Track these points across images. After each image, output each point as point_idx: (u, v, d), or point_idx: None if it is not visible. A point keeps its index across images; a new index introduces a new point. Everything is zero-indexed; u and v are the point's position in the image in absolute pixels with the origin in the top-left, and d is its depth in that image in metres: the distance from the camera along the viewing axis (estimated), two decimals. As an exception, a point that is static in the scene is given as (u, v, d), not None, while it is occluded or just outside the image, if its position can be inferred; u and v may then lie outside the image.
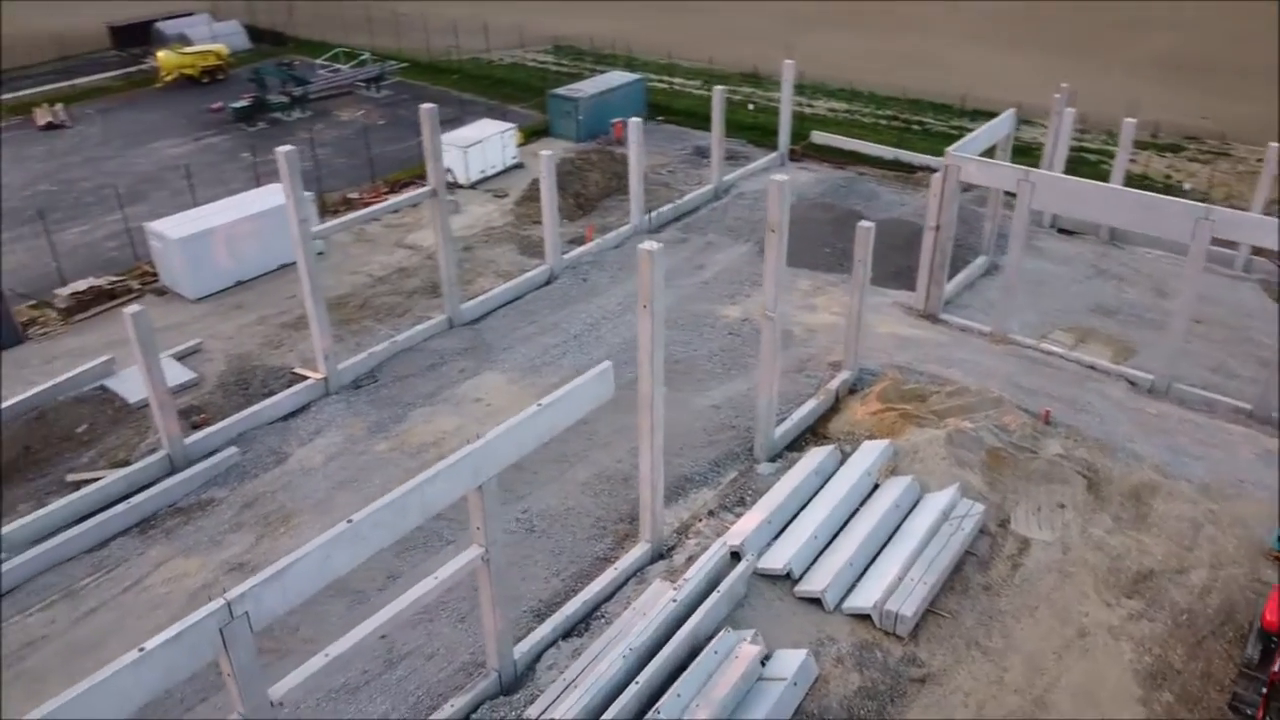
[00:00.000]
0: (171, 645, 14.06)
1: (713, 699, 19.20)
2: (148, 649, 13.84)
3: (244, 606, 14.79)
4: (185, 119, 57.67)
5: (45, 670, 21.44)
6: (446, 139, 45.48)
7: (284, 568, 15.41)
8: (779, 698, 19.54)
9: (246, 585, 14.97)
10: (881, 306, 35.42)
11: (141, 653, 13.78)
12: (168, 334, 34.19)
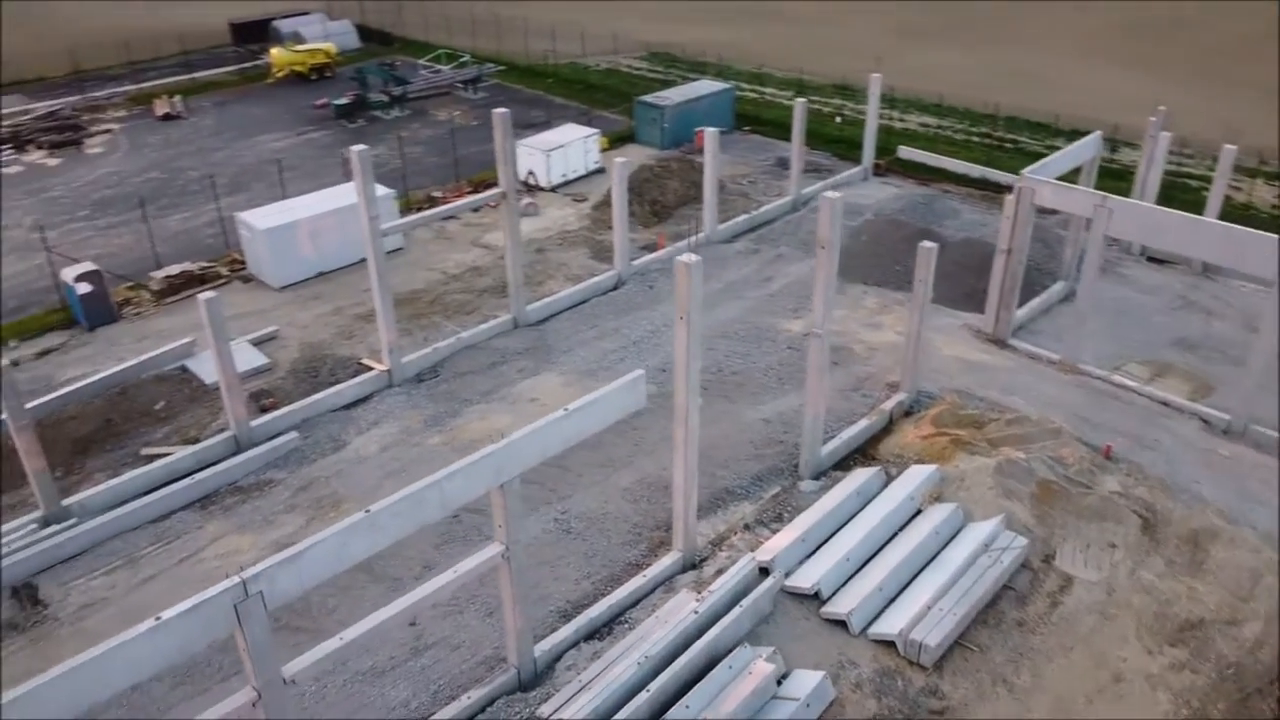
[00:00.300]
0: (187, 617, 14.86)
1: (721, 713, 19.22)
2: (164, 619, 14.66)
3: (259, 586, 15.50)
4: (291, 114, 60.21)
5: (101, 631, 22.67)
6: (529, 143, 46.67)
7: (300, 551, 16.10)
8: (789, 718, 19.43)
9: (262, 565, 15.70)
10: (949, 328, 34.70)
11: (157, 621, 14.62)
12: (248, 320, 35.96)
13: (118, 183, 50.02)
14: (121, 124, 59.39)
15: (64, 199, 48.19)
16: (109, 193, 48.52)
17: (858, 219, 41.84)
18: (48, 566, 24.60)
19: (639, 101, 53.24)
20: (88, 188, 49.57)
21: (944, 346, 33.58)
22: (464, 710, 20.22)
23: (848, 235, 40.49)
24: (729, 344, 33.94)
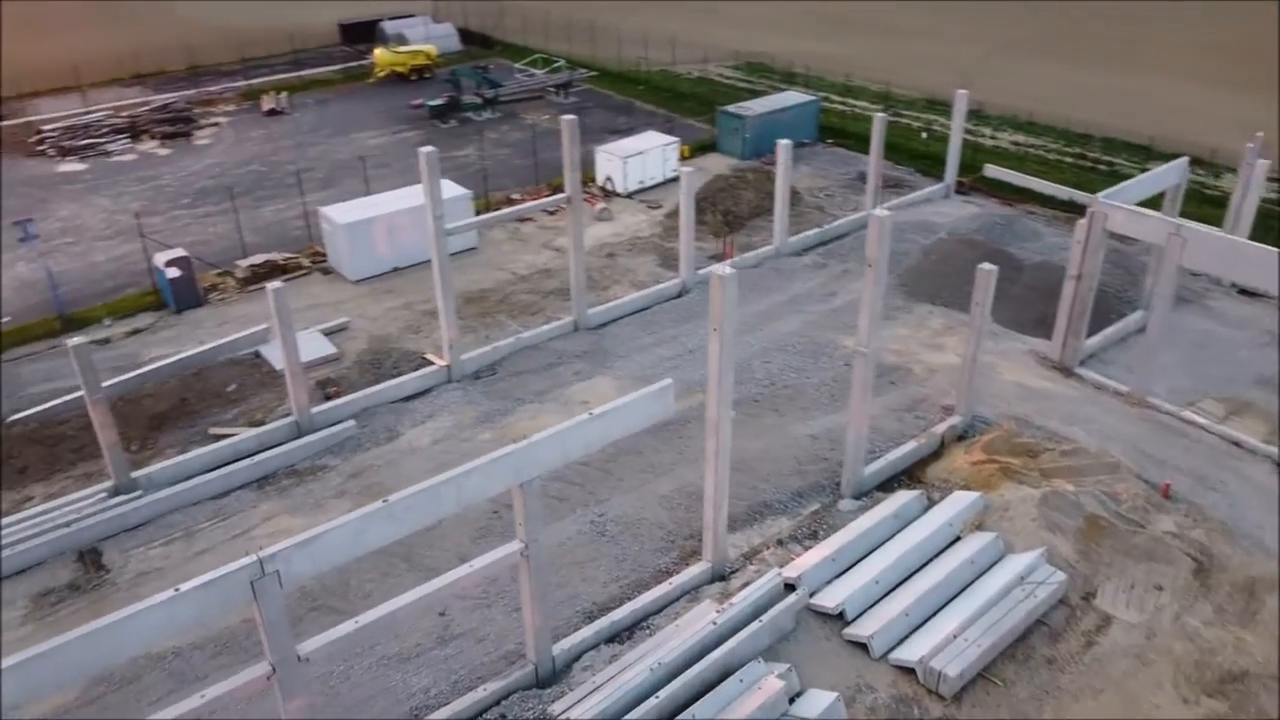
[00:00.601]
0: (205, 590, 15.69)
1: None
2: (182, 590, 15.54)
3: (275, 565, 16.25)
4: (388, 113, 62.21)
5: (153, 598, 24.07)
6: (608, 149, 47.24)
7: (316, 535, 16.81)
8: (796, 736, 19.36)
9: (279, 546, 16.45)
10: (1014, 353, 33.85)
11: (176, 593, 15.50)
12: (323, 311, 37.39)
13: (220, 174, 52.51)
14: (229, 118, 62.34)
15: (169, 187, 50.86)
16: (210, 183, 50.97)
17: (931, 237, 41.12)
18: (112, 534, 26.11)
19: (721, 111, 53.32)
20: (192, 177, 52.18)
21: (1006, 372, 32.77)
22: (479, 702, 20.71)
23: (919, 253, 39.89)
24: (785, 357, 33.79)
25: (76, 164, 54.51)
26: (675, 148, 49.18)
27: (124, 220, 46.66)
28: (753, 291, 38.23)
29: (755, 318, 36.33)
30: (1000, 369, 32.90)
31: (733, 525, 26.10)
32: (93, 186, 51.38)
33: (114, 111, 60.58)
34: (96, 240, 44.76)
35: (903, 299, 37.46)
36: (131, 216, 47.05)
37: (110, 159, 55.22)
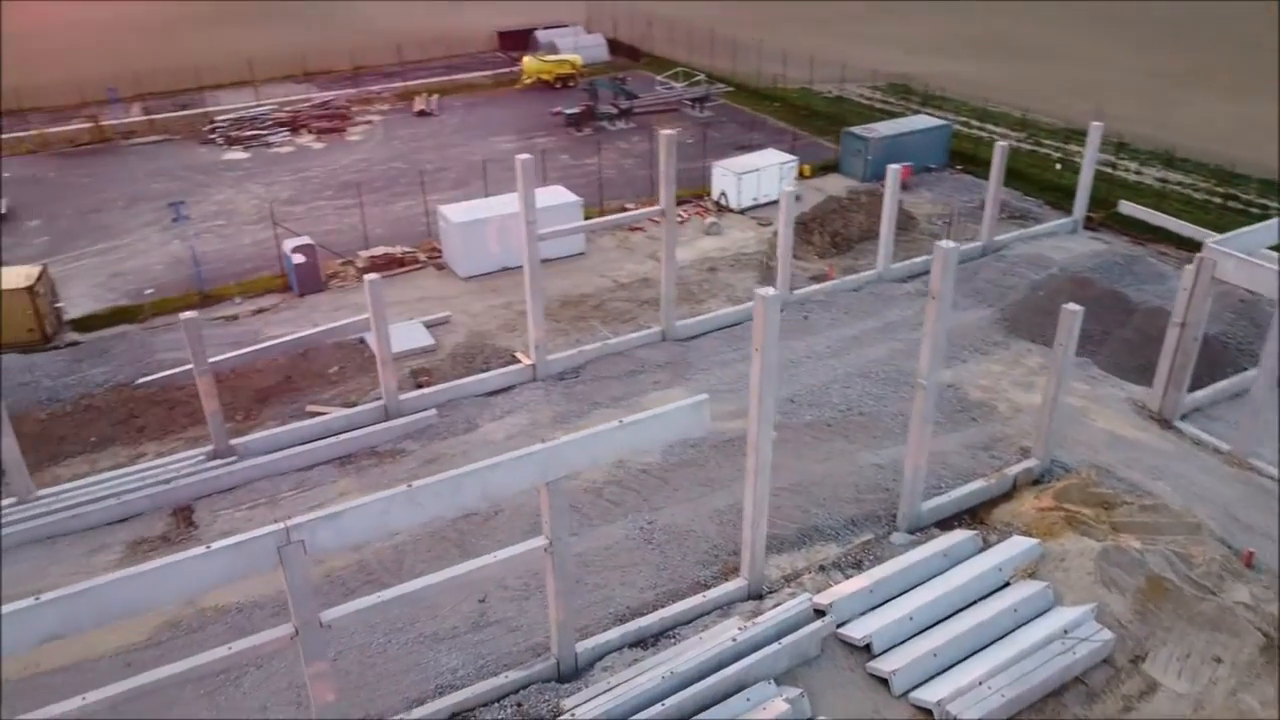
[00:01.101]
0: (234, 550, 17.11)
1: (725, 741, 19.46)
2: (213, 548, 17.03)
3: (300, 535, 17.53)
4: (527, 119, 64.55)
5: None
6: (725, 164, 47.70)
7: (342, 511, 18.04)
8: (793, 761, 19.35)
9: (307, 517, 17.77)
10: (1111, 399, 32.33)
11: (207, 550, 17.01)
12: (429, 303, 39.38)
13: (363, 169, 55.86)
14: (383, 116, 66.13)
15: (315, 179, 54.47)
16: (353, 177, 54.24)
17: (1042, 273, 39.62)
18: (205, 495, 28.47)
19: (846, 132, 52.85)
20: (338, 171, 55.71)
21: (1099, 418, 31.35)
22: (499, 688, 21.58)
23: (1026, 288, 38.57)
24: (867, 384, 33.39)
25: (240, 153, 59.12)
26: (793, 166, 49.13)
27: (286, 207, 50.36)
28: (846, 316, 37.93)
29: (844, 342, 36.03)
30: (1093, 414, 31.51)
31: (780, 547, 26.19)
32: (250, 174, 55.61)
33: (279, 106, 65.34)
34: (244, 224, 48.46)
35: (1002, 334, 36.32)
36: (281, 203, 50.82)
37: (270, 150, 59.60)
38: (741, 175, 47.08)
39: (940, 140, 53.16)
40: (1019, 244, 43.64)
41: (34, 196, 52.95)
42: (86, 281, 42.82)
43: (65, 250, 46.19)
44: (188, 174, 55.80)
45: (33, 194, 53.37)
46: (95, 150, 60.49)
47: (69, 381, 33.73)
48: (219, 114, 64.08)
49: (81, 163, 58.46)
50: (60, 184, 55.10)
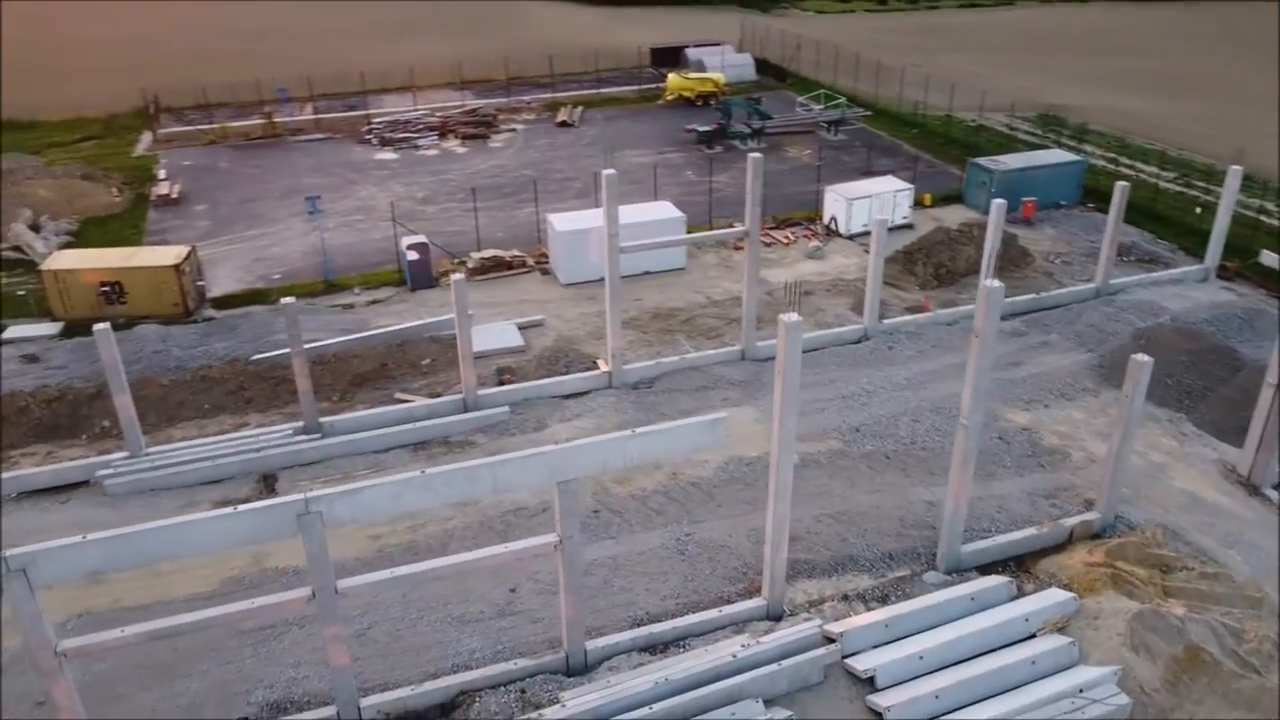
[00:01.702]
0: (256, 514, 19.01)
1: (698, 751, 19.94)
2: (238, 510, 18.97)
3: (319, 506, 19.22)
4: (662, 135, 66.02)
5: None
6: (836, 189, 47.68)
7: (358, 489, 19.66)
8: (765, 780, 19.63)
9: (326, 491, 19.48)
10: (1198, 459, 30.62)
11: (233, 510, 18.94)
12: (527, 306, 41.22)
13: (497, 174, 58.67)
14: (526, 126, 69.10)
15: (452, 181, 57.61)
16: (486, 181, 57.12)
17: (1150, 320, 37.68)
18: (289, 466, 31.01)
19: (971, 163, 51.63)
20: (475, 175, 58.71)
21: (1180, 477, 29.79)
22: (506, 674, 22.73)
23: (1129, 336, 36.83)
24: (937, 419, 32.82)
25: (390, 153, 63.20)
26: (909, 194, 48.44)
27: (407, 205, 53.71)
28: (933, 349, 37.30)
29: (924, 375, 35.48)
30: (1174, 473, 29.96)
31: (810, 572, 26.34)
32: (395, 174, 59.39)
33: (431, 111, 69.31)
34: (380, 220, 51.79)
35: (1093, 381, 34.87)
36: (416, 202, 54.13)
37: (417, 152, 63.43)
38: (852, 201, 46.85)
39: (1073, 176, 51.10)
40: (1138, 289, 41.60)
41: (206, 184, 58.39)
42: (233, 264, 47.02)
43: (221, 234, 50.82)
44: (340, 170, 60.13)
45: (205, 181, 58.85)
46: (266, 144, 65.99)
47: (195, 353, 37.30)
48: (377, 116, 68.59)
49: (252, 155, 63.95)
50: (230, 173, 60.49)
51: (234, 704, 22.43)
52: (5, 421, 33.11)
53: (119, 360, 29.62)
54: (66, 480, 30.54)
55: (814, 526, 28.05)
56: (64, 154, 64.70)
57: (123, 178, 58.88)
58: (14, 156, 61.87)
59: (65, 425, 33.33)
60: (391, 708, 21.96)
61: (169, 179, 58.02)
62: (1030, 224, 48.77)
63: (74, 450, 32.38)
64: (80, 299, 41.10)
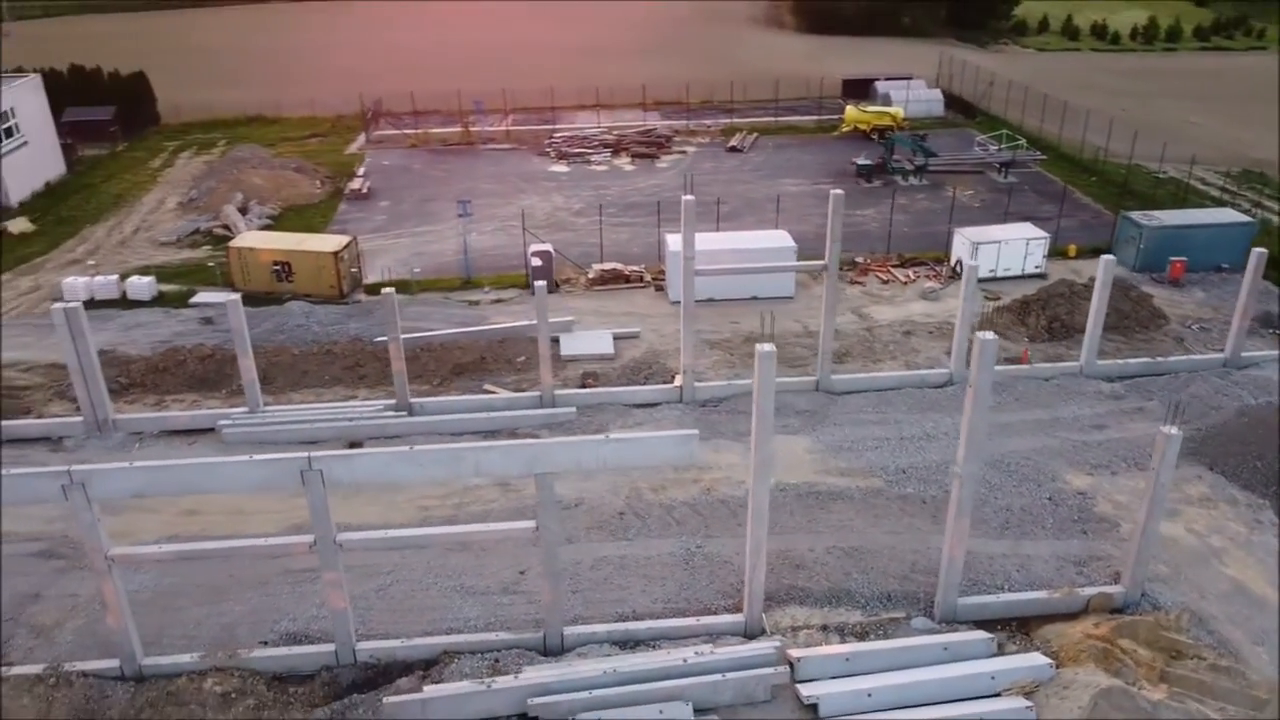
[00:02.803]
0: (268, 464, 22.32)
1: (616, 738, 21.43)
2: (253, 458, 22.38)
3: (319, 465, 22.30)
4: (825, 166, 66.50)
5: (369, 493, 32.05)
6: (965, 232, 46.94)
7: (355, 455, 22.69)
8: (672, 776, 20.84)
9: (326, 454, 22.57)
10: (1263, 548, 28.54)
11: (248, 459, 22.37)
12: (633, 319, 43.55)
13: (653, 193, 61.32)
14: (698, 148, 71.51)
15: (609, 196, 60.85)
16: (641, 198, 59.96)
17: (1261, 398, 34.89)
18: (375, 437, 34.77)
19: (1123, 216, 49.03)
20: (632, 192, 61.74)
21: (1235, 564, 27.90)
22: (486, 643, 24.91)
23: (1233, 412, 34.46)
24: (990, 473, 32.12)
25: (563, 167, 67.44)
26: (1043, 243, 46.79)
27: (562, 216, 57.46)
28: (1015, 403, 36.34)
29: (993, 428, 34.56)
30: (1229, 559, 28.10)
31: (804, 599, 26.98)
32: (560, 186, 63.43)
33: (609, 129, 73.08)
34: (533, 228, 55.79)
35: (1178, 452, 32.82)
36: (570, 213, 57.78)
37: (588, 167, 67.29)
38: (978, 244, 45.90)
39: (1239, 238, 47.33)
40: (1273, 366, 38.45)
41: (395, 182, 64.81)
42: (394, 256, 52.29)
43: (393, 228, 56.51)
44: (514, 179, 64.93)
45: (396, 180, 65.31)
46: (459, 151, 72.08)
47: (331, 330, 42.23)
48: (561, 131, 73.17)
49: (444, 160, 70.12)
50: (419, 175, 66.72)
51: (260, 629, 25.94)
52: (166, 371, 39.08)
53: (245, 328, 34.48)
54: (197, 425, 35.79)
55: (823, 557, 28.57)
56: (291, 147, 73.49)
57: (328, 172, 66.37)
58: (249, 146, 71.04)
59: (211, 379, 38.82)
60: (382, 654, 24.77)
61: (364, 176, 64.84)
62: (1178, 285, 45.88)
63: (212, 401, 37.73)
64: (257, 274, 47.35)
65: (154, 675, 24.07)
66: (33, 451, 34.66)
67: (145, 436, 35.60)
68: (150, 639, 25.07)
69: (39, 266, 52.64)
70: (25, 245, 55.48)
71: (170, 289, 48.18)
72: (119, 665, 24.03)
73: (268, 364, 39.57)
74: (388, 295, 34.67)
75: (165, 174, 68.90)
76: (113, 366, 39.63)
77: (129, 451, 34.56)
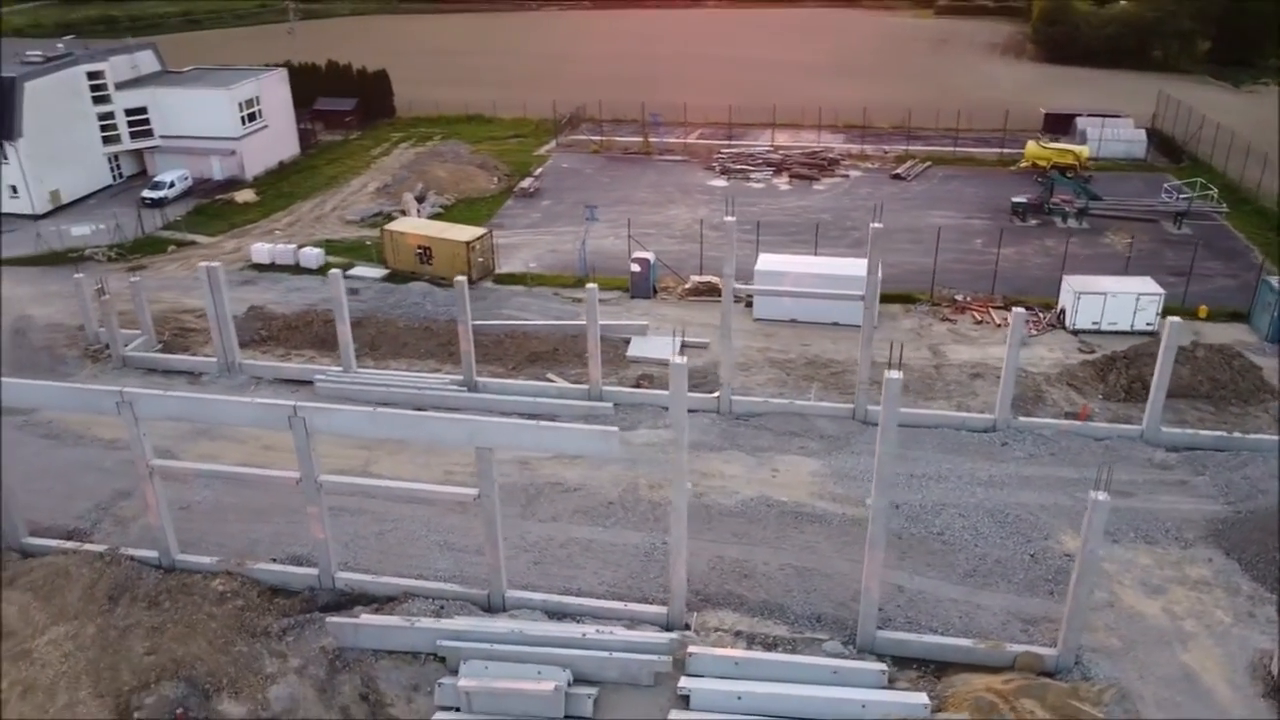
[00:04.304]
0: (262, 406, 27.00)
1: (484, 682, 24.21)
2: (250, 401, 27.09)
3: (303, 414, 26.57)
4: (984, 200, 64.62)
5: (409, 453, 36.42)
6: (1073, 281, 45.30)
7: (332, 411, 26.85)
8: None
9: (310, 404, 26.85)
10: (1237, 641, 26.88)
11: (249, 400, 27.09)
12: (708, 330, 45.33)
13: (797, 214, 62.48)
14: (863, 173, 71.48)
15: (752, 213, 62.26)
16: (783, 218, 61.23)
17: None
18: (437, 407, 39.03)
19: (1263, 280, 44.94)
20: (775, 211, 63.07)
21: (1196, 650, 26.47)
22: (438, 591, 28.45)
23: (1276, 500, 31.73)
24: (984, 522, 31.74)
25: (721, 181, 69.82)
26: (1157, 300, 43.98)
27: (696, 228, 59.90)
28: (1050, 457, 35.28)
29: (1011, 479, 33.98)
30: (1194, 645, 26.59)
31: (738, 606, 28.56)
32: (710, 200, 65.80)
33: (776, 148, 74.51)
34: (666, 236, 58.77)
35: (1198, 534, 30.87)
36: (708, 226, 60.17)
37: (745, 183, 69.24)
38: (1081, 295, 43.98)
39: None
40: (1369, 458, 34.73)
41: (563, 184, 69.85)
42: (532, 250, 57.04)
43: (542, 225, 61.40)
44: (670, 190, 68.11)
45: (565, 182, 70.36)
46: (635, 159, 76.12)
47: (440, 311, 47.32)
48: (729, 147, 75.48)
49: (616, 166, 74.45)
50: (588, 178, 71.43)
51: (275, 549, 30.76)
52: (297, 330, 45.67)
53: (344, 299, 39.99)
54: (304, 378, 41.78)
55: (774, 572, 29.79)
56: (491, 145, 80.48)
57: (508, 169, 72.48)
58: (454, 142, 78.75)
59: (330, 341, 44.78)
60: (354, 585, 28.92)
61: (537, 176, 70.33)
62: (1306, 358, 41.87)
63: (325, 360, 43.67)
64: (404, 255, 53.52)
65: (182, 569, 29.46)
66: (176, 382, 41.99)
67: (262, 381, 42.02)
68: (191, 541, 30.57)
69: (248, 231, 61.86)
70: (244, 213, 65.25)
71: (336, 260, 55.32)
72: (157, 557, 29.62)
73: (377, 333, 45.31)
74: (459, 281, 38.99)
75: (379, 162, 77.71)
76: (260, 320, 46.86)
77: (246, 390, 40.98)
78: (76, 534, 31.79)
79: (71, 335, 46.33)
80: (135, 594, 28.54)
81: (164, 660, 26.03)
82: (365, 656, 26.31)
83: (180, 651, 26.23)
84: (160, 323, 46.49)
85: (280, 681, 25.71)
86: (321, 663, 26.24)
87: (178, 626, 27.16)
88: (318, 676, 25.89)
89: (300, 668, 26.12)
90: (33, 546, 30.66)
